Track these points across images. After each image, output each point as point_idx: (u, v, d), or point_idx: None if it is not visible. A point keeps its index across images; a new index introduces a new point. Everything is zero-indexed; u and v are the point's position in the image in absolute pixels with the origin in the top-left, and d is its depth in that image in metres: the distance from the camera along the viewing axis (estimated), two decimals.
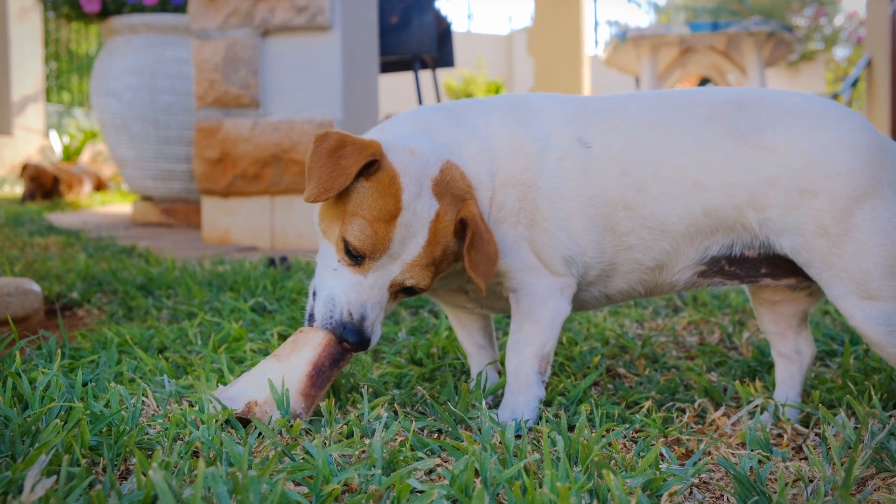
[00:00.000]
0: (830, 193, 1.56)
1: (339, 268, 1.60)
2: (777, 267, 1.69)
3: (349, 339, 1.58)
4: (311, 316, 1.64)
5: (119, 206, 8.65)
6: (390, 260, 1.58)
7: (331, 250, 1.62)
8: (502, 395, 1.83)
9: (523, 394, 1.70)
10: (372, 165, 1.57)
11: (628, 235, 1.69)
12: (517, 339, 1.73)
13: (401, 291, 1.64)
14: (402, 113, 1.83)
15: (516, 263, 1.71)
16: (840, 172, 1.56)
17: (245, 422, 1.57)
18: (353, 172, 1.53)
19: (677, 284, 1.76)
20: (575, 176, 1.68)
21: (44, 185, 8.51)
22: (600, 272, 1.74)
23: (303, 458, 1.35)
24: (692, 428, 1.68)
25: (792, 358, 1.85)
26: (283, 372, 1.59)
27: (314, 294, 1.66)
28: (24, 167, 8.58)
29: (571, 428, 1.66)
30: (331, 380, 1.61)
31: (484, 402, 1.68)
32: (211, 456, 1.36)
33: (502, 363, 2.00)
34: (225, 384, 1.79)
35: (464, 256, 1.59)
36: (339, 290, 1.60)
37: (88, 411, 1.52)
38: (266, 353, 2.14)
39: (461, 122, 1.73)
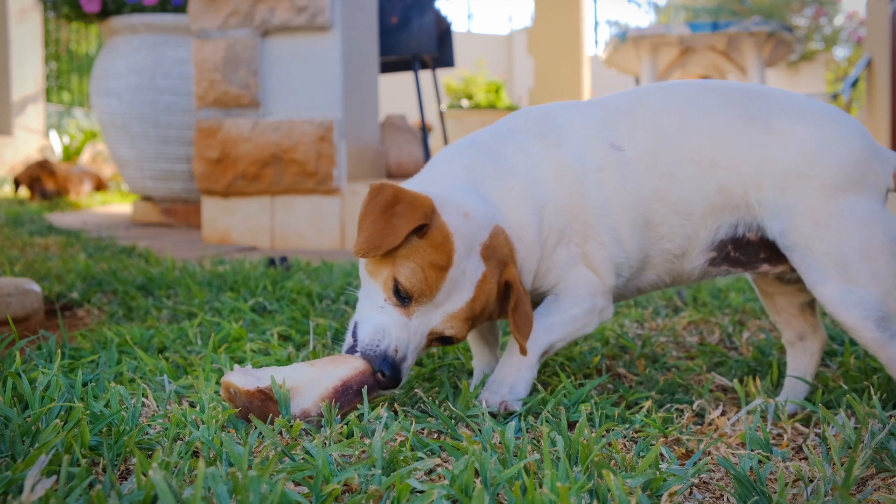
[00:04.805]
0: (822, 180, 1.65)
1: (385, 306, 1.61)
2: (774, 251, 1.76)
3: (386, 371, 1.57)
4: (351, 350, 1.63)
5: (119, 206, 8.66)
6: (433, 307, 1.60)
7: (377, 289, 1.63)
8: None
9: (518, 367, 1.73)
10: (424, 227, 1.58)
11: (661, 226, 1.76)
12: (535, 325, 1.75)
13: (436, 340, 1.66)
14: (443, 153, 1.84)
15: (572, 275, 1.78)
16: (834, 164, 1.66)
17: (245, 419, 1.57)
18: (404, 234, 1.55)
19: (693, 273, 1.82)
20: (615, 183, 1.74)
21: (43, 184, 8.49)
22: (636, 266, 1.82)
23: (303, 458, 1.35)
24: (692, 428, 1.68)
25: (795, 344, 1.95)
26: (314, 375, 1.58)
27: (355, 328, 1.65)
28: (27, 167, 8.59)
29: (571, 428, 1.66)
30: (349, 405, 1.59)
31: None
32: (211, 456, 1.36)
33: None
34: None
35: (509, 318, 1.64)
36: (390, 324, 1.60)
37: (88, 411, 1.52)
38: (266, 354, 2.14)
39: (500, 162, 1.76)
